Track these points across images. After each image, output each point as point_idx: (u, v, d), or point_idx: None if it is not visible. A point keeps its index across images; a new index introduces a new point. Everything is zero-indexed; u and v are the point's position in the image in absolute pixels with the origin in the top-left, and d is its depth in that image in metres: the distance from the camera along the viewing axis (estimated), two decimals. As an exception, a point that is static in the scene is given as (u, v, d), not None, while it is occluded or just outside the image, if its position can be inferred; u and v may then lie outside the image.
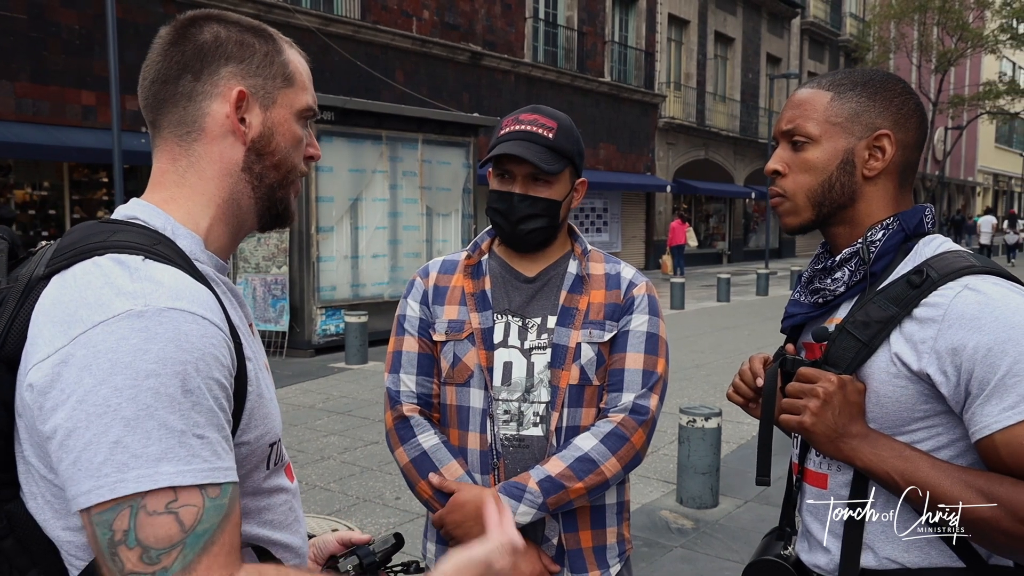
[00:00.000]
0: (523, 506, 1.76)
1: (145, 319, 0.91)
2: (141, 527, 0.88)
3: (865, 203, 1.44)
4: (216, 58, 1.13)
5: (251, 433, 1.06)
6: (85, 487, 0.88)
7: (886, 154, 1.41)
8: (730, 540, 4.71)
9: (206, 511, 0.91)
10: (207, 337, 0.95)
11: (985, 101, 35.16)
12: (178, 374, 0.91)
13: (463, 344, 1.87)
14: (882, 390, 1.34)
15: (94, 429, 0.88)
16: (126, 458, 0.87)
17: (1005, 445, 1.22)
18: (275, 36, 1.19)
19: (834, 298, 1.46)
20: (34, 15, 11.89)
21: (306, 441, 6.67)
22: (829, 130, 1.43)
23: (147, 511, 0.88)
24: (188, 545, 0.89)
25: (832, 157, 1.43)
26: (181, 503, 0.89)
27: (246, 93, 1.13)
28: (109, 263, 0.97)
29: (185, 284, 0.98)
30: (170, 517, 0.88)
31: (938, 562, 1.32)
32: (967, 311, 1.25)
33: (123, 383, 0.88)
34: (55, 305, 0.95)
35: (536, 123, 1.84)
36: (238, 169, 1.15)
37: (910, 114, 1.43)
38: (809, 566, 1.49)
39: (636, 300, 1.90)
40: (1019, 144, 59.46)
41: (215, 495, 0.92)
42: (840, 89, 1.44)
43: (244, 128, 1.14)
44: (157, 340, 0.91)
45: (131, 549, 0.88)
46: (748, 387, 1.56)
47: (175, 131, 1.13)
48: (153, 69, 1.13)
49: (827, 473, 1.45)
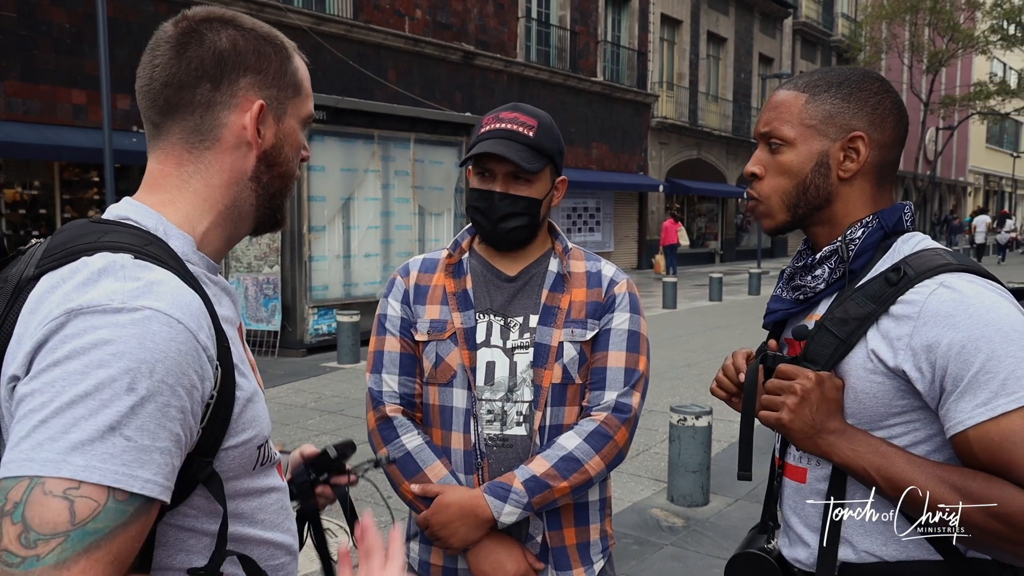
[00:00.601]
0: (508, 506, 1.77)
1: (118, 315, 0.91)
2: (31, 504, 0.83)
3: (842, 203, 1.45)
4: (235, 67, 1.12)
5: (239, 437, 1.05)
6: (5, 457, 0.86)
7: (860, 155, 1.42)
8: (721, 538, 4.73)
9: (105, 511, 0.85)
10: (176, 342, 0.93)
11: (976, 101, 35.36)
12: (129, 371, 0.88)
13: (445, 344, 1.87)
14: (859, 386, 1.35)
15: (31, 404, 0.87)
16: (43, 438, 0.85)
17: (978, 441, 1.23)
18: (285, 43, 1.19)
19: (814, 295, 1.47)
20: (24, 13, 11.83)
21: (298, 440, 6.67)
22: (804, 132, 1.44)
23: (43, 489, 0.84)
24: (71, 539, 0.83)
25: (807, 160, 1.44)
26: (81, 493, 0.85)
27: (265, 106, 1.14)
28: (97, 261, 0.97)
29: (170, 286, 0.97)
30: (63, 503, 0.84)
31: (916, 555, 1.34)
32: (942, 308, 1.27)
33: (74, 368, 0.88)
34: (39, 303, 0.95)
35: (516, 121, 1.84)
36: (246, 178, 1.16)
37: (886, 113, 1.43)
38: (790, 560, 1.50)
39: (617, 298, 1.90)
40: (1010, 144, 59.71)
41: (122, 499, 0.87)
42: (815, 91, 1.45)
43: (259, 140, 1.14)
44: (122, 335, 0.90)
45: (14, 524, 0.83)
46: (731, 382, 1.58)
47: (187, 138, 1.12)
48: (165, 71, 1.10)
49: (806, 468, 1.46)
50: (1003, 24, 33.40)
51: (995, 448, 1.22)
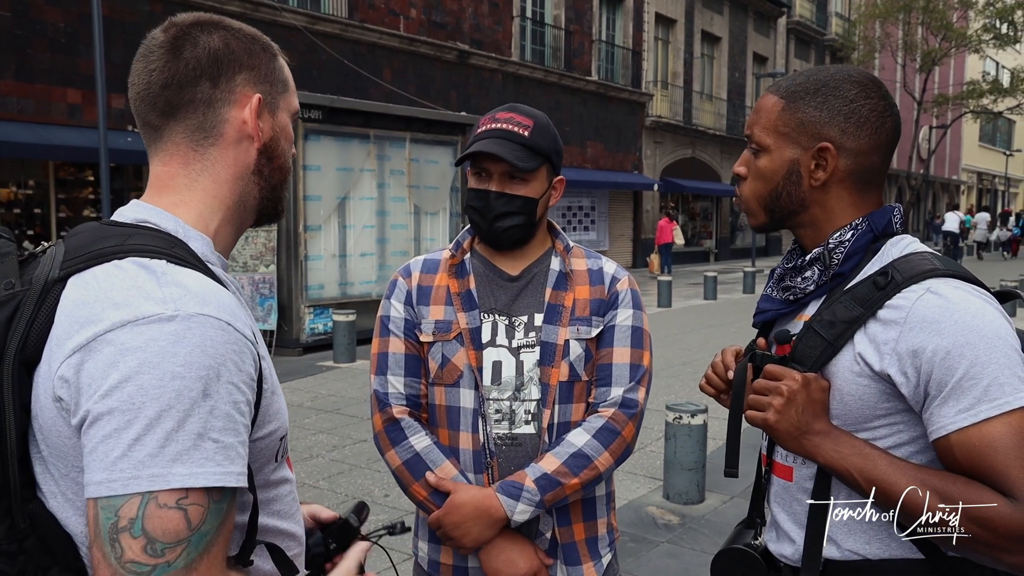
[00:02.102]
0: (521, 504, 1.78)
1: (175, 323, 0.94)
2: (149, 518, 0.89)
3: (820, 208, 1.47)
4: (231, 65, 1.15)
5: (266, 428, 1.09)
6: (98, 477, 0.90)
7: (828, 165, 1.43)
8: (716, 535, 4.75)
9: (209, 513, 0.93)
10: (230, 343, 0.97)
11: (969, 100, 35.41)
12: (201, 378, 0.93)
13: (451, 344, 1.88)
14: (845, 388, 1.37)
15: (115, 423, 0.90)
16: (143, 456, 0.89)
17: (959, 445, 1.25)
18: (269, 43, 1.24)
19: (804, 296, 1.49)
20: (19, 12, 11.81)
21: (294, 440, 6.68)
22: (777, 140, 1.46)
23: (158, 503, 0.89)
24: (192, 543, 0.91)
25: (779, 167, 1.46)
26: (190, 501, 0.91)
27: (262, 99, 1.17)
28: (132, 267, 0.99)
29: (210, 289, 1.00)
30: (179, 513, 0.90)
31: (898, 554, 1.36)
32: (928, 314, 1.28)
33: (149, 382, 0.90)
34: (79, 306, 0.96)
35: (512, 121, 1.86)
36: (249, 172, 1.19)
37: (861, 121, 1.42)
38: (776, 555, 1.53)
39: (620, 295, 1.93)
40: (1003, 143, 59.80)
41: (218, 498, 0.94)
42: (793, 97, 1.45)
43: (260, 133, 1.18)
44: (184, 344, 0.93)
45: (135, 538, 0.89)
46: (720, 379, 1.60)
47: (191, 136, 1.14)
48: (163, 74, 1.12)
49: (792, 466, 1.49)
50: (996, 23, 33.46)
51: (976, 453, 1.24)
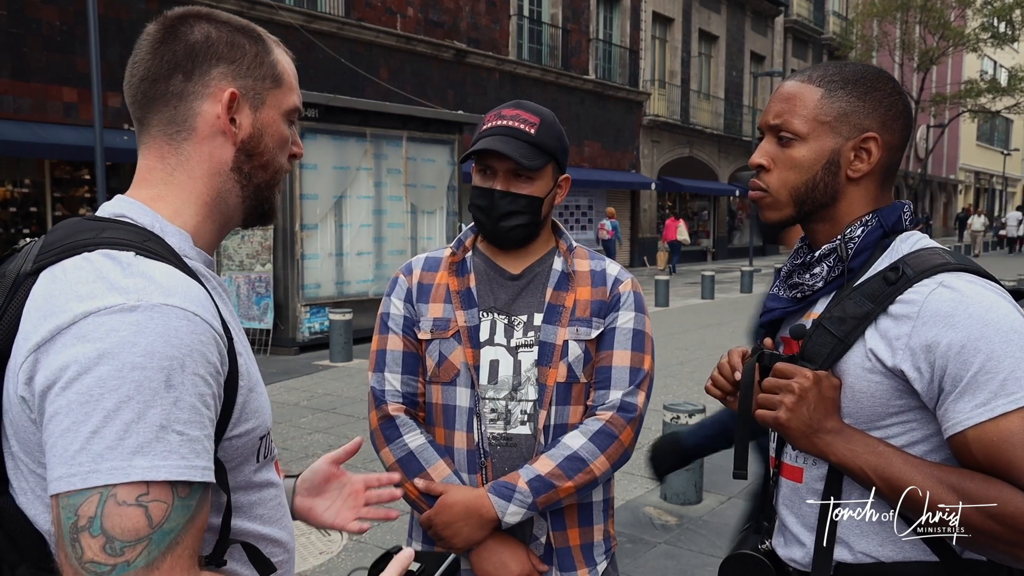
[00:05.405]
0: (513, 506, 1.76)
1: (136, 313, 0.92)
2: (108, 516, 0.86)
3: (846, 202, 1.44)
4: (207, 58, 1.13)
5: (243, 426, 1.07)
6: (58, 472, 0.88)
7: (872, 156, 1.41)
8: (714, 536, 4.74)
9: (174, 510, 0.90)
10: (196, 334, 0.95)
11: (967, 99, 35.44)
12: (163, 369, 0.90)
13: (449, 342, 1.86)
14: (857, 385, 1.34)
15: (74, 416, 0.88)
16: (101, 448, 0.87)
17: (976, 441, 1.23)
18: (264, 36, 1.21)
19: (812, 293, 1.46)
20: (14, 10, 11.76)
21: (291, 439, 6.66)
22: (817, 128, 1.41)
23: (116, 500, 0.87)
24: (154, 541, 0.88)
25: (819, 156, 1.42)
26: (152, 497, 0.88)
27: (237, 94, 1.14)
28: (100, 258, 0.97)
29: (177, 280, 0.98)
30: (139, 510, 0.87)
31: (912, 556, 1.33)
32: (941, 308, 1.26)
33: (107, 373, 0.88)
34: (45, 299, 0.95)
35: (518, 118, 1.83)
36: (227, 168, 1.17)
37: (898, 115, 1.41)
38: (785, 560, 1.49)
39: (622, 297, 1.89)
40: (1000, 142, 59.89)
41: (184, 495, 0.91)
42: (831, 86, 1.42)
43: (235, 129, 1.15)
44: (146, 334, 0.91)
45: (94, 537, 0.86)
46: (726, 380, 1.56)
47: (165, 129, 1.14)
48: (142, 67, 1.13)
49: (802, 467, 1.46)
50: (993, 22, 33.51)
51: (993, 449, 1.21)
